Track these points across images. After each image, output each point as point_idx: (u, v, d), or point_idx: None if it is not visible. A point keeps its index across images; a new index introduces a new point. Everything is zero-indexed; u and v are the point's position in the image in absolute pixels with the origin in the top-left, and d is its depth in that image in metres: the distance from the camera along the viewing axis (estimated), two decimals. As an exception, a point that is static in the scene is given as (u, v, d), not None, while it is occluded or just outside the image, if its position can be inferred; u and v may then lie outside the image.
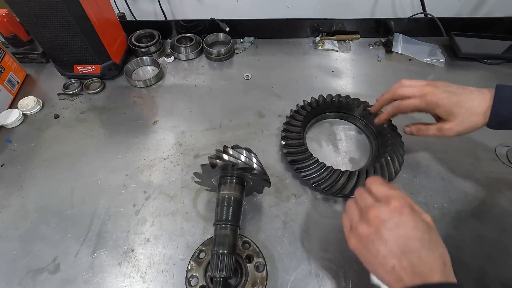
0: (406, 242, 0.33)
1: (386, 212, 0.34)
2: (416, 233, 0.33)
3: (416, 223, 0.33)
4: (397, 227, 0.33)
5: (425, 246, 0.32)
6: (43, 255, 0.51)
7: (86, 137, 0.67)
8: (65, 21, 0.65)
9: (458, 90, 0.47)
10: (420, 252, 0.32)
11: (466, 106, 0.46)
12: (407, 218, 0.34)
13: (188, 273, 0.46)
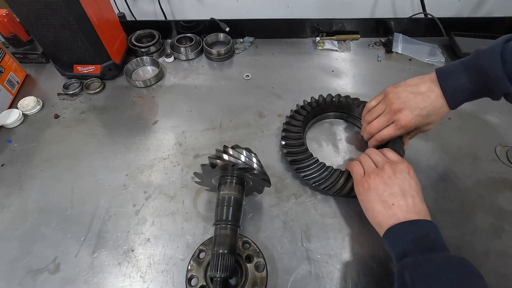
0: (408, 189, 0.44)
1: (400, 168, 0.47)
2: (416, 186, 0.45)
3: (416, 182, 0.46)
4: (404, 179, 0.45)
5: (419, 196, 0.44)
6: (43, 255, 0.51)
7: (86, 137, 0.67)
8: (65, 21, 0.65)
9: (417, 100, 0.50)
10: (415, 198, 0.44)
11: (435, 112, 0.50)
12: (412, 176, 0.46)
13: (188, 273, 0.46)
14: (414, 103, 0.49)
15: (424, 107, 0.49)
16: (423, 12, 0.87)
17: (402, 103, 0.50)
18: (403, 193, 0.44)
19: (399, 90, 0.52)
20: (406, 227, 0.41)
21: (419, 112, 0.49)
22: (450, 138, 0.64)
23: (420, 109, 0.49)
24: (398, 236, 0.41)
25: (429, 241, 0.39)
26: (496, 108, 0.69)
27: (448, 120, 0.67)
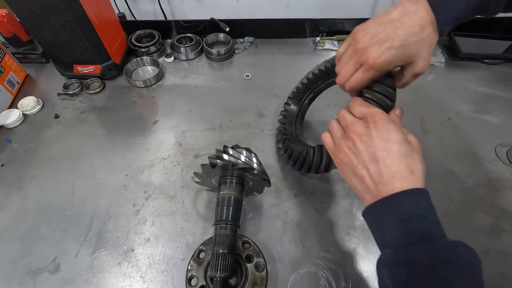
0: (376, 152, 0.34)
1: (363, 127, 0.36)
2: (386, 143, 0.34)
3: (389, 134, 0.35)
4: (370, 139, 0.35)
5: (391, 155, 0.34)
6: (43, 255, 0.51)
7: (86, 137, 0.67)
8: (65, 21, 0.65)
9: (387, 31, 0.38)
10: (385, 160, 0.34)
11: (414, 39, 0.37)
12: (380, 130, 0.35)
13: (188, 273, 0.46)
14: (384, 35, 0.38)
15: (396, 36, 0.37)
16: (423, 12, 0.87)
17: (370, 39, 0.39)
18: (370, 159, 0.35)
19: (367, 25, 0.41)
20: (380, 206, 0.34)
21: (390, 44, 0.37)
22: (450, 138, 0.64)
23: (392, 40, 0.37)
24: (373, 219, 0.35)
25: (413, 223, 0.32)
26: (496, 108, 0.69)
27: (448, 120, 0.67)
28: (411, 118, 0.68)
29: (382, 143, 0.35)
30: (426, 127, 0.66)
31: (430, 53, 0.39)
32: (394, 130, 0.35)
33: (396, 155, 0.34)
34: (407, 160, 0.34)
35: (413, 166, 0.34)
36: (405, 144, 0.35)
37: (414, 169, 0.34)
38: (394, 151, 0.34)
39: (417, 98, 0.72)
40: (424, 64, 0.39)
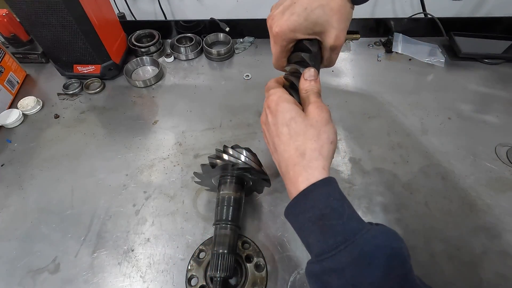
0: (273, 139, 0.33)
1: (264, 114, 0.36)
2: (276, 129, 0.32)
3: (276, 118, 0.32)
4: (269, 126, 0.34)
5: (282, 140, 0.31)
6: (43, 255, 0.51)
7: (86, 137, 0.67)
8: (65, 21, 0.65)
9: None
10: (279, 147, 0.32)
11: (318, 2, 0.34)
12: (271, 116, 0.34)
13: (188, 273, 0.46)
14: (289, 1, 0.36)
15: (299, 0, 0.35)
16: (423, 12, 0.87)
17: (276, 7, 0.38)
18: (274, 148, 0.33)
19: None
20: (296, 205, 0.31)
21: (292, 10, 0.35)
22: (450, 138, 0.64)
23: (294, 5, 0.35)
24: (295, 220, 0.32)
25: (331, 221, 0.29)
26: (496, 108, 0.69)
27: (448, 120, 0.67)
28: (411, 118, 0.68)
29: (274, 128, 0.32)
30: (426, 127, 0.66)
31: (342, 21, 0.35)
32: (281, 111, 0.32)
33: (286, 139, 0.31)
34: (296, 141, 0.30)
35: (303, 146, 0.30)
36: (294, 123, 0.31)
37: (304, 150, 0.30)
38: (284, 134, 0.31)
39: (417, 98, 0.72)
40: (337, 34, 0.36)
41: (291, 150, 0.30)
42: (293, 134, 0.31)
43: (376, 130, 0.66)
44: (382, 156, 0.62)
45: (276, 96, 0.33)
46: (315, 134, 0.31)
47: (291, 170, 0.30)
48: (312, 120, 0.32)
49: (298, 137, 0.31)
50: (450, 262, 0.48)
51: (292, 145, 0.30)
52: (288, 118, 0.31)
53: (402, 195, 0.56)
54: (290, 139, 0.31)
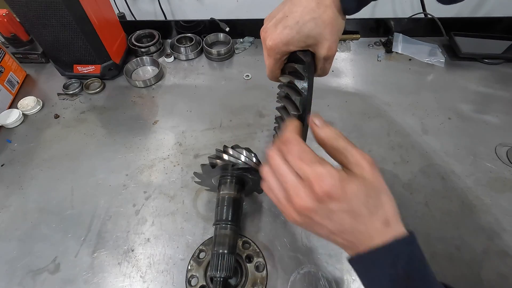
0: (342, 225, 0.29)
1: (312, 201, 0.29)
2: (351, 215, 0.29)
3: (349, 203, 0.29)
4: (329, 215, 0.29)
5: (362, 221, 0.29)
6: (43, 255, 0.51)
7: (86, 137, 0.67)
8: (65, 21, 0.65)
9: (286, 8, 0.36)
10: (358, 227, 0.29)
11: (311, 16, 0.34)
12: (337, 202, 0.28)
13: (188, 273, 0.46)
14: (281, 14, 0.36)
15: (291, 14, 0.35)
16: (423, 12, 0.87)
17: (269, 20, 0.38)
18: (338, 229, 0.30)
19: (275, 8, 0.38)
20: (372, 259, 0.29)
21: (285, 23, 0.35)
22: (450, 138, 0.64)
23: (286, 18, 0.35)
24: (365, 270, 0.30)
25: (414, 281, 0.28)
26: (496, 108, 0.69)
27: (448, 120, 0.68)
28: (411, 118, 0.68)
29: (347, 215, 0.29)
30: (426, 127, 0.66)
31: (334, 33, 0.35)
32: (353, 194, 0.28)
33: (367, 218, 0.29)
34: (378, 214, 0.29)
35: (385, 215, 0.29)
36: (370, 199, 0.29)
37: (387, 218, 0.29)
38: (363, 215, 0.29)
39: (417, 98, 0.72)
40: (330, 45, 0.36)
41: (375, 225, 0.29)
42: (372, 209, 0.29)
43: (376, 130, 0.66)
44: (382, 156, 0.62)
45: (337, 179, 0.28)
46: (388, 198, 0.30)
47: (377, 239, 0.29)
48: (378, 185, 0.30)
49: (379, 210, 0.29)
50: (450, 262, 0.48)
51: (376, 220, 0.29)
52: (363, 198, 0.29)
53: (402, 195, 0.56)
54: (372, 216, 0.29)
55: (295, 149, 0.31)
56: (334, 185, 0.28)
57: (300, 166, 0.30)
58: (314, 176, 0.29)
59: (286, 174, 0.31)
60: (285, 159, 0.31)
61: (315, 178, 0.28)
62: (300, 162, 0.30)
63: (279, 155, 0.32)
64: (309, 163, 0.29)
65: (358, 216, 0.29)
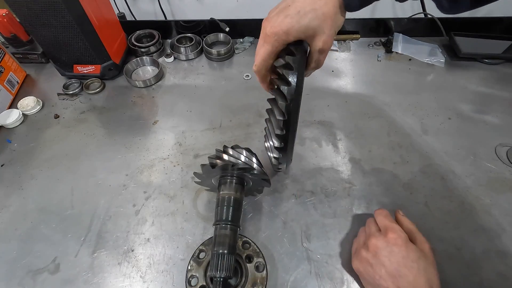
0: (398, 267, 0.39)
1: (383, 241, 0.41)
2: (406, 261, 0.39)
3: (408, 253, 0.39)
4: (391, 255, 0.40)
5: (413, 272, 0.38)
6: (43, 255, 0.51)
7: (86, 137, 0.67)
8: (65, 21, 0.65)
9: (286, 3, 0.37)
10: (408, 277, 0.38)
11: (311, 7, 0.36)
12: (400, 248, 0.40)
13: (188, 273, 0.46)
14: (284, 4, 0.38)
15: (293, 3, 0.36)
16: (423, 12, 0.87)
17: (272, 11, 0.39)
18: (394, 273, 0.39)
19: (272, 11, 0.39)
20: None
21: (287, 12, 0.36)
22: (450, 138, 0.64)
23: (289, 7, 0.37)
24: None
25: None
26: (496, 108, 0.69)
27: (448, 120, 0.67)
28: (411, 118, 0.68)
29: (404, 261, 0.39)
30: (426, 127, 0.66)
31: (332, 27, 0.37)
32: (412, 249, 0.40)
33: (416, 272, 0.38)
34: (426, 275, 0.38)
35: (432, 280, 0.38)
36: (422, 261, 0.39)
37: (432, 283, 0.38)
38: (414, 268, 0.38)
39: (417, 98, 0.72)
40: (325, 39, 0.37)
41: (421, 282, 0.37)
42: (422, 269, 0.38)
43: (376, 130, 0.66)
44: (382, 156, 0.62)
45: (404, 235, 0.42)
46: (436, 273, 0.40)
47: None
48: (431, 260, 0.41)
49: (426, 272, 0.38)
50: (450, 262, 0.48)
51: (422, 278, 0.38)
52: (417, 257, 0.39)
53: (402, 195, 0.56)
54: (419, 273, 0.38)
55: (383, 213, 0.47)
56: (401, 236, 0.41)
57: (383, 220, 0.45)
58: (391, 227, 0.43)
59: (371, 226, 0.46)
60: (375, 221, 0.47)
61: (391, 228, 0.43)
62: (384, 218, 0.45)
63: (372, 218, 0.48)
64: (391, 221, 0.45)
65: (411, 267, 0.38)
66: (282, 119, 0.40)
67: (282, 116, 0.40)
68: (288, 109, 0.40)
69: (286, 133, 0.42)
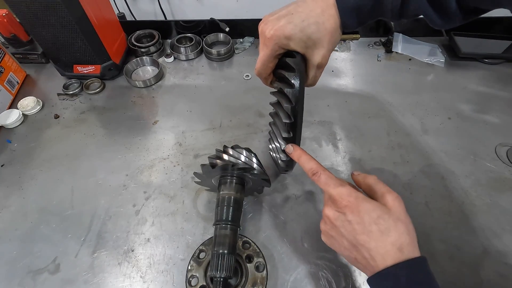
0: (355, 236, 0.34)
1: (333, 210, 0.37)
2: (362, 227, 0.34)
3: (361, 216, 0.34)
4: (345, 224, 0.35)
5: (373, 237, 0.33)
6: (43, 255, 0.51)
7: (86, 137, 0.67)
8: (65, 21, 0.65)
9: (291, 7, 0.37)
10: (369, 244, 0.33)
11: (314, 19, 0.36)
12: (352, 213, 0.34)
13: (188, 273, 0.46)
14: (285, 11, 0.37)
15: (297, 12, 0.37)
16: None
17: (271, 15, 0.39)
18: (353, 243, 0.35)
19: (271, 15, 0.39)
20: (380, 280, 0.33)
21: (290, 19, 0.36)
22: (450, 138, 0.64)
23: (292, 15, 0.37)
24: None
25: None
26: (496, 108, 0.69)
27: (448, 120, 0.67)
28: (411, 118, 0.68)
29: (359, 227, 0.34)
30: (426, 127, 0.66)
31: (331, 42, 0.38)
32: (367, 211, 0.34)
33: (377, 236, 0.33)
34: (390, 237, 0.33)
35: (400, 241, 0.33)
36: (383, 220, 0.33)
37: (401, 244, 0.32)
38: (374, 232, 0.33)
39: (417, 98, 0.72)
40: (325, 53, 0.38)
41: (387, 246, 0.32)
42: (384, 230, 0.33)
43: (376, 130, 0.66)
44: (382, 156, 0.62)
45: (353, 197, 0.35)
46: (405, 228, 0.33)
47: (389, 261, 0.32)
48: (396, 214, 0.34)
49: (390, 232, 0.33)
50: (450, 262, 0.48)
51: (387, 241, 0.32)
52: (375, 217, 0.33)
53: (402, 195, 0.55)
54: (382, 236, 0.33)
55: (322, 178, 0.38)
56: (350, 200, 0.35)
57: (326, 188, 0.38)
58: (336, 194, 0.36)
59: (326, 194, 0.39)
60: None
61: (337, 195, 0.36)
62: (327, 187, 0.37)
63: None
64: (333, 187, 0.37)
65: (369, 232, 0.33)
66: (289, 121, 0.41)
67: (288, 119, 0.41)
68: (294, 112, 0.40)
69: (293, 135, 0.42)
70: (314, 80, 0.42)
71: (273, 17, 0.38)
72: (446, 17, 0.36)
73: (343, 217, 0.35)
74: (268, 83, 0.46)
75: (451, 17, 0.36)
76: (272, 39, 0.37)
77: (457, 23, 0.37)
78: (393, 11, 0.36)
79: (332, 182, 0.38)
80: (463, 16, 0.36)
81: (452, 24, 0.37)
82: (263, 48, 0.40)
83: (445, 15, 0.36)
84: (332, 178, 0.38)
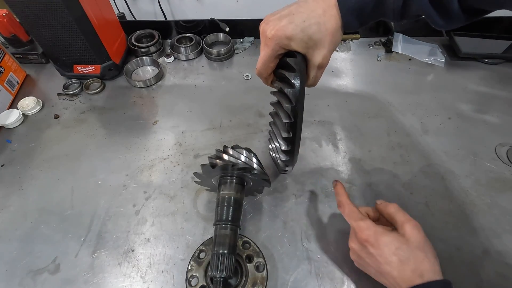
0: (379, 267, 0.38)
1: (357, 244, 0.41)
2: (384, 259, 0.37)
3: (381, 249, 0.37)
4: (368, 256, 0.39)
5: (394, 267, 0.36)
6: (43, 255, 0.51)
7: (86, 137, 0.67)
8: (65, 21, 0.65)
9: (292, 7, 0.37)
10: (393, 273, 0.36)
11: (315, 19, 0.36)
12: (373, 246, 0.38)
13: (188, 273, 0.46)
14: (286, 11, 0.37)
15: (298, 12, 0.36)
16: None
17: (272, 15, 0.39)
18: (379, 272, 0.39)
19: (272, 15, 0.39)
20: None
21: (291, 19, 0.36)
22: (450, 138, 0.64)
23: (293, 15, 0.37)
24: None
25: None
26: (496, 108, 0.69)
27: (448, 120, 0.67)
28: (411, 118, 0.68)
29: (381, 259, 0.37)
30: (426, 127, 0.66)
31: (332, 43, 0.38)
32: (386, 243, 0.37)
33: (397, 266, 0.36)
34: (410, 265, 0.36)
35: (420, 268, 0.35)
36: (402, 251, 0.36)
37: (422, 271, 0.35)
38: (394, 262, 0.36)
39: (417, 98, 0.72)
40: (325, 54, 0.38)
41: (408, 273, 0.35)
42: (404, 260, 0.36)
43: (376, 130, 0.66)
44: (382, 156, 0.62)
45: (372, 231, 0.39)
46: (424, 256, 0.37)
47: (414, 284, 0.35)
48: (415, 243, 0.37)
49: (409, 261, 0.36)
50: (450, 262, 0.48)
51: (407, 269, 0.36)
52: (394, 249, 0.37)
53: (402, 195, 0.56)
54: (403, 265, 0.36)
55: (346, 210, 0.43)
56: (369, 235, 0.39)
57: (349, 221, 0.42)
58: (356, 227, 0.41)
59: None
60: None
61: (357, 228, 0.40)
62: (349, 219, 0.42)
63: None
64: (354, 219, 0.41)
65: (390, 262, 0.37)
66: (288, 121, 0.41)
67: (288, 118, 0.41)
68: (294, 112, 0.40)
69: (293, 135, 0.42)
70: (314, 81, 0.43)
71: (275, 17, 0.38)
72: (448, 18, 0.36)
73: (366, 249, 0.39)
74: (269, 83, 0.46)
75: (453, 18, 0.36)
76: (273, 39, 0.37)
77: (459, 24, 0.37)
78: (394, 12, 0.36)
79: (353, 215, 0.42)
80: (465, 17, 0.36)
81: (454, 25, 0.37)
82: (264, 48, 0.40)
83: (447, 16, 0.36)
84: (355, 211, 0.42)
